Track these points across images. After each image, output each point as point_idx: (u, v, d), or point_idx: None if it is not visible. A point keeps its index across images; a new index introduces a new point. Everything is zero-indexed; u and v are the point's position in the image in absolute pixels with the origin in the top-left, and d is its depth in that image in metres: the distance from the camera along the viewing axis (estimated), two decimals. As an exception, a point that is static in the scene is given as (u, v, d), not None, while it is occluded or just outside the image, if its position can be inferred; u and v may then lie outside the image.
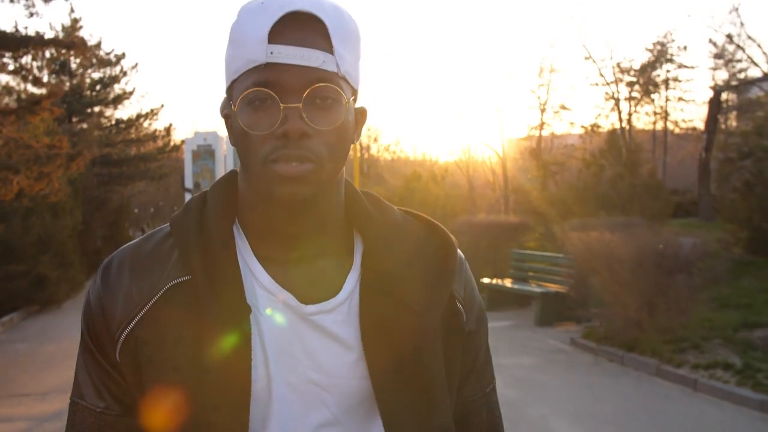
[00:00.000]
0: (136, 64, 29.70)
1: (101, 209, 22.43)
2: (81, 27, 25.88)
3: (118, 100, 27.31)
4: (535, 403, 6.44)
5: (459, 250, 1.09)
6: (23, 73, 7.23)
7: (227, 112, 0.97)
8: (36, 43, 7.29)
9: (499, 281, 12.01)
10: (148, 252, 0.99)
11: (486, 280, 12.02)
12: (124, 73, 27.66)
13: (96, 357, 0.99)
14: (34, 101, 8.02)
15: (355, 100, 0.98)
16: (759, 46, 14.24)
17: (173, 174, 33.58)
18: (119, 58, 27.71)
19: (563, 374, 7.58)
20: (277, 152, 0.89)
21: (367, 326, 0.96)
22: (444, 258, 1.04)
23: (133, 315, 0.95)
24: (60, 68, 25.38)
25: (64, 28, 25.56)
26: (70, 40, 8.32)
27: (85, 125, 25.56)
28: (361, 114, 1.02)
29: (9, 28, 7.28)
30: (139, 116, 28.09)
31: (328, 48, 0.90)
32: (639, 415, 6.07)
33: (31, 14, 9.03)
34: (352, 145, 0.97)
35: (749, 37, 14.74)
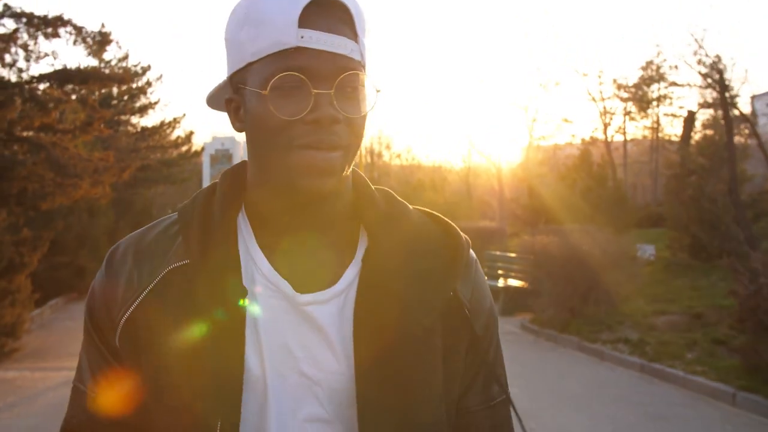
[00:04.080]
0: (161, 76, 31.93)
1: (128, 211, 24.52)
2: (111, 41, 27.94)
3: (144, 109, 29.40)
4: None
5: (472, 253, 1.06)
6: (81, 101, 9.19)
7: (231, 97, 0.95)
8: (94, 78, 9.33)
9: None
10: (152, 238, 1.00)
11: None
12: (149, 84, 29.77)
13: (96, 343, 0.99)
14: (88, 122, 10.06)
15: None
16: (719, 73, 15.94)
17: (193, 177, 35.51)
18: (145, 70, 29.78)
19: (506, 350, 9.42)
20: (307, 137, 0.87)
21: (360, 321, 0.93)
22: (452, 258, 1.00)
23: (133, 299, 0.95)
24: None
25: (95, 42, 27.67)
26: (121, 76, 10.39)
27: (111, 131, 27.54)
28: None
29: (72, 66, 9.33)
30: (162, 124, 30.12)
31: (354, 36, 0.90)
32: (550, 375, 7.98)
33: (88, 54, 11.15)
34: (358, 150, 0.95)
35: (713, 68, 16.45)
